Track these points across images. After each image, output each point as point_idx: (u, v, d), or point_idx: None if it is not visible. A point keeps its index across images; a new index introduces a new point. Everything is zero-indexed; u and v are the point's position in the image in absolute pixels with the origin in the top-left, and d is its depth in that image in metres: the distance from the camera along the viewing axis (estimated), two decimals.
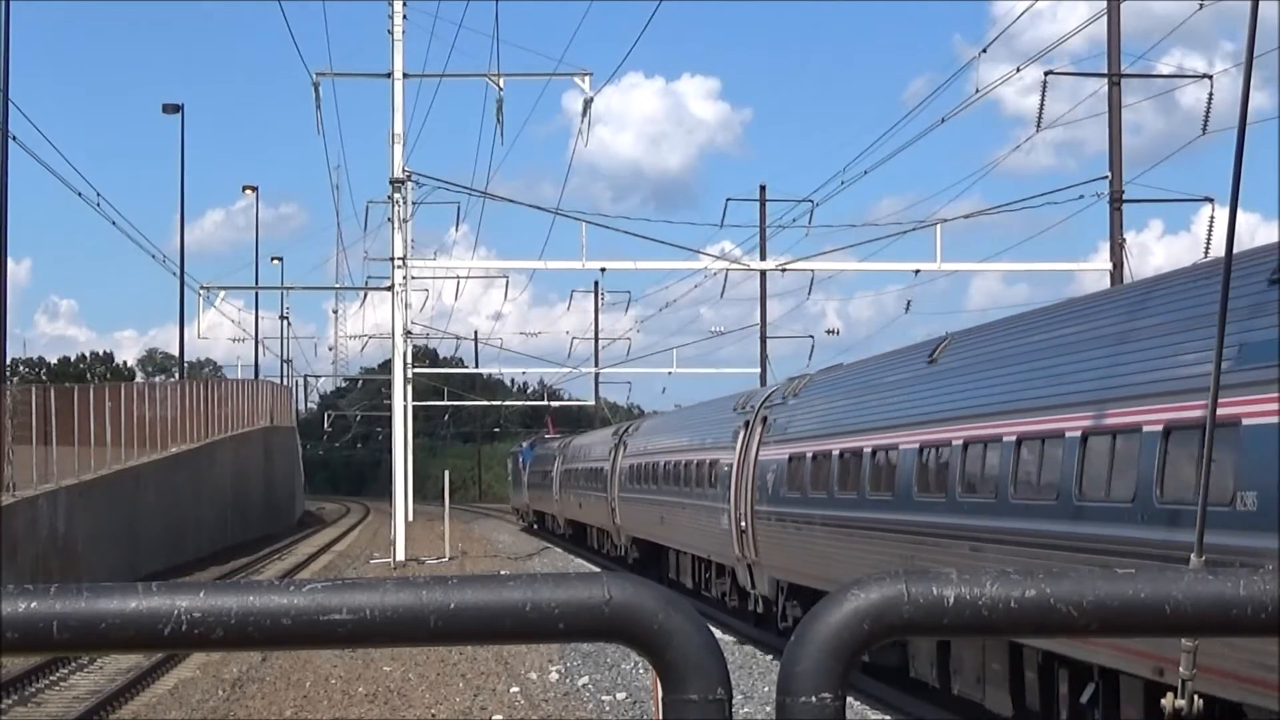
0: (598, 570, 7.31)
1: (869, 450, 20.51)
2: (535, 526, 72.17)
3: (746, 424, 28.13)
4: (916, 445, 18.57)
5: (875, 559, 19.60)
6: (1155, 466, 12.53)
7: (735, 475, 28.14)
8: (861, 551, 20.53)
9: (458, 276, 61.72)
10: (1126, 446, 13.17)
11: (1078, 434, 14.07)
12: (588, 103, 44.20)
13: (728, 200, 63.63)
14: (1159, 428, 12.56)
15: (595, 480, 49.25)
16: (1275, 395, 11.05)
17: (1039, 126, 37.18)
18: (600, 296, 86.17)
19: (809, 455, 23.42)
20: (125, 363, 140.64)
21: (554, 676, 21.71)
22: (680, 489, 34.12)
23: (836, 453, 21.95)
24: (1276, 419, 11.00)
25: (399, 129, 44.21)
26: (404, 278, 44.91)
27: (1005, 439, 15.68)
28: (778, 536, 25.30)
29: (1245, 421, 11.31)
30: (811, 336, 75.12)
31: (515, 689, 20.33)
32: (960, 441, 16.99)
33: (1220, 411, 10.54)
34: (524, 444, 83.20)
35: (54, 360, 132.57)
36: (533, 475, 71.50)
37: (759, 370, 64.25)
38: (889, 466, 19.61)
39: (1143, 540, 12.65)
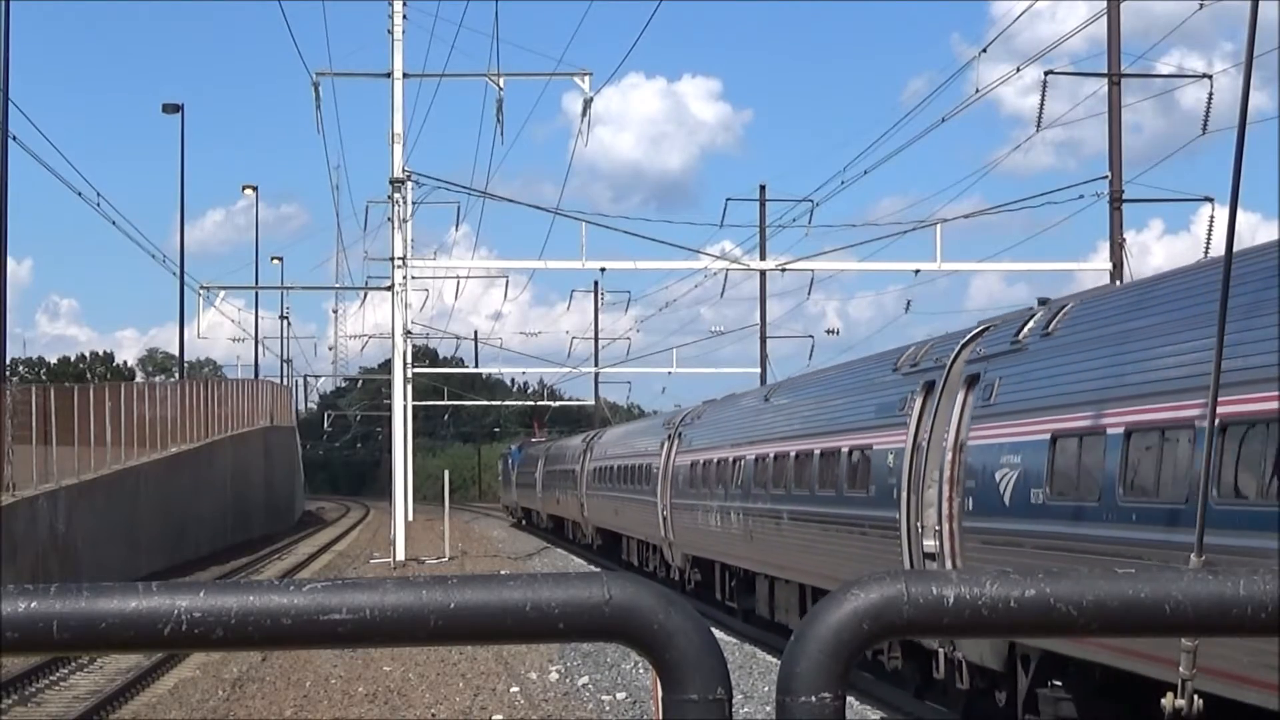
0: (597, 570, 7.31)
1: (731, 459, 28.71)
2: (523, 522, 76.39)
3: (670, 437, 36.37)
4: (754, 456, 26.87)
5: (733, 534, 28.23)
6: (845, 471, 21.05)
7: (661, 476, 36.41)
8: (722, 529, 29.15)
9: (458, 276, 61.90)
10: (836, 459, 21.61)
11: (818, 451, 22.61)
12: (588, 103, 44.21)
13: (728, 200, 63.80)
14: (849, 449, 21.04)
15: (569, 480, 56.55)
16: (891, 435, 19.11)
17: (1039, 126, 37.25)
18: (600, 296, 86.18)
19: (700, 461, 31.98)
20: (125, 362, 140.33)
21: (554, 676, 21.70)
22: (628, 487, 42.17)
23: (715, 460, 30.30)
24: (890, 447, 19.00)
25: (399, 129, 44.20)
26: (404, 278, 44.90)
27: (790, 454, 24.28)
28: (683, 521, 33.81)
29: (875, 447, 19.71)
30: (811, 336, 75.24)
31: (515, 689, 20.33)
32: (771, 455, 25.42)
33: (859, 443, 20.48)
34: (513, 447, 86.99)
35: (54, 360, 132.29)
36: (520, 475, 76.94)
37: (759, 370, 64.19)
38: (741, 471, 27.67)
39: (838, 514, 21.26)
